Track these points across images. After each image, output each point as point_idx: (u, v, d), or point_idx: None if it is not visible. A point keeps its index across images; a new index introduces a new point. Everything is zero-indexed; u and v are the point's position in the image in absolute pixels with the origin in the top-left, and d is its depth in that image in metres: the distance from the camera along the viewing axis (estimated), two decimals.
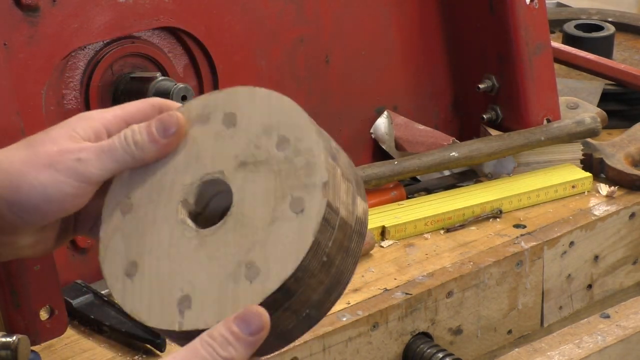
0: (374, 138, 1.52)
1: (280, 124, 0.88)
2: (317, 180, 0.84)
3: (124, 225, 0.90)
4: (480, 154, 1.45)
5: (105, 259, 0.90)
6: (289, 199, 0.84)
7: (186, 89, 1.23)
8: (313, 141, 0.86)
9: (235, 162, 0.88)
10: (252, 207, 0.86)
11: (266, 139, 0.88)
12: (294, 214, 0.84)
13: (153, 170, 0.91)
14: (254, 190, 0.86)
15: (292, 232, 0.83)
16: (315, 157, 0.85)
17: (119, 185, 0.92)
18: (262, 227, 0.84)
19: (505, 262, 1.33)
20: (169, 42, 1.32)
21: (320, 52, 1.44)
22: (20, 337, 1.08)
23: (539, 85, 1.51)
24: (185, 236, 0.88)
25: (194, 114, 0.92)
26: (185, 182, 0.90)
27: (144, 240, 0.89)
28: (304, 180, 0.85)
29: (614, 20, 1.95)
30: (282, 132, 0.87)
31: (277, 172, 0.86)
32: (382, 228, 1.36)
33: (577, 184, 1.47)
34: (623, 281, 1.47)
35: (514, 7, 1.48)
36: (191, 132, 0.91)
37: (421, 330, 1.27)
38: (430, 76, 1.56)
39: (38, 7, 1.19)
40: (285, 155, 0.86)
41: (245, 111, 0.89)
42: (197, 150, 0.90)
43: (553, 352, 1.32)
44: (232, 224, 0.86)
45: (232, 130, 0.89)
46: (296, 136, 0.87)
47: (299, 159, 0.86)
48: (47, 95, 1.22)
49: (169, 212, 0.89)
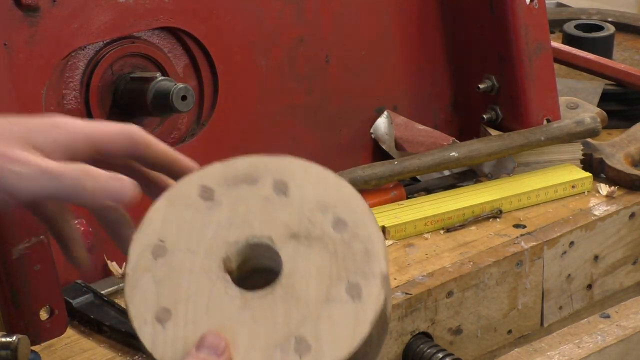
0: (374, 138, 1.52)
1: (337, 204, 0.88)
2: (376, 270, 0.85)
3: (156, 268, 0.89)
4: (480, 154, 1.45)
5: (132, 299, 0.88)
6: (345, 282, 0.85)
7: (186, 89, 1.23)
8: (373, 230, 0.87)
9: (285, 231, 0.88)
10: (305, 282, 0.86)
11: (321, 216, 0.88)
12: (350, 298, 0.85)
13: (192, 218, 0.90)
14: (307, 265, 0.86)
15: (348, 316, 0.84)
16: (376, 246, 0.86)
17: (151, 225, 0.90)
18: (315, 304, 0.85)
19: (505, 262, 1.33)
20: (168, 42, 1.32)
21: (320, 52, 1.45)
22: (20, 337, 1.08)
23: (539, 85, 1.51)
24: (227, 294, 0.87)
25: (240, 172, 0.91)
26: (230, 240, 0.89)
27: (179, 289, 0.88)
28: (362, 267, 0.86)
29: (614, 20, 1.95)
30: (338, 213, 0.88)
31: (333, 253, 0.86)
32: (382, 228, 1.36)
33: (577, 184, 1.47)
34: (623, 281, 1.47)
35: (514, 7, 1.48)
36: (237, 190, 0.90)
37: (421, 330, 1.27)
38: (430, 76, 1.56)
39: (38, 7, 1.19)
40: (342, 237, 0.87)
41: (298, 182, 0.89)
42: (243, 210, 0.89)
43: (553, 352, 1.33)
44: (282, 294, 0.86)
45: (282, 199, 0.89)
46: (354, 221, 0.87)
47: (357, 244, 0.86)
48: (47, 95, 1.22)
49: (209, 265, 0.88)
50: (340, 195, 0.89)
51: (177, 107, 1.22)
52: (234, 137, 1.38)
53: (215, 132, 1.36)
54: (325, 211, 0.88)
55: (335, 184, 0.89)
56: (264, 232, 0.89)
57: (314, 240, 0.87)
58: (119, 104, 1.28)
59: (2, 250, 1.12)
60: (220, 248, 0.89)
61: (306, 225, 0.88)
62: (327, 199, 0.88)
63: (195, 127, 1.36)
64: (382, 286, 0.85)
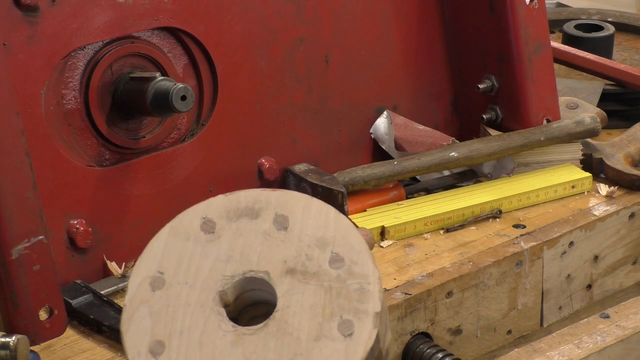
0: (374, 138, 1.52)
1: (335, 241, 0.89)
2: (369, 308, 0.86)
3: (153, 300, 0.90)
4: (480, 154, 1.45)
5: (128, 331, 0.90)
6: (337, 319, 0.86)
7: (186, 89, 1.22)
8: (369, 268, 0.88)
9: (283, 266, 0.89)
10: (297, 318, 0.87)
11: (319, 252, 0.89)
12: (341, 336, 0.86)
13: (192, 250, 0.91)
14: (301, 300, 0.87)
15: (339, 354, 0.85)
16: (371, 284, 0.87)
17: (151, 257, 0.91)
18: (306, 341, 0.86)
19: (504, 262, 1.33)
20: (168, 42, 1.32)
21: (320, 52, 1.45)
22: (20, 337, 1.08)
23: (539, 85, 1.51)
24: (221, 328, 0.88)
25: (243, 205, 0.92)
26: (226, 273, 0.90)
27: (174, 322, 0.89)
28: (355, 304, 0.86)
29: (613, 20, 1.95)
30: (336, 250, 0.89)
31: (328, 289, 0.87)
32: (381, 228, 1.36)
33: (576, 184, 1.47)
34: (623, 281, 1.47)
35: (514, 7, 1.48)
36: (238, 223, 0.91)
37: (421, 331, 1.27)
38: (430, 76, 1.56)
39: (38, 7, 1.19)
40: (338, 274, 0.88)
41: (298, 217, 0.90)
42: (242, 244, 0.91)
43: (553, 352, 1.33)
44: (275, 329, 0.87)
45: (282, 234, 0.90)
46: (351, 258, 0.88)
47: (352, 281, 0.87)
48: (46, 95, 1.22)
49: (204, 298, 0.89)
50: (340, 232, 0.90)
51: (177, 107, 1.22)
52: (233, 137, 1.38)
53: (215, 132, 1.36)
54: (324, 247, 0.89)
55: (335, 219, 0.90)
56: (262, 267, 0.90)
57: (310, 276, 0.88)
58: (119, 104, 1.28)
59: (2, 250, 1.12)
60: (218, 282, 0.90)
61: (303, 260, 0.89)
62: (326, 234, 0.89)
63: (195, 127, 1.36)
64: (375, 325, 0.86)
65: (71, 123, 1.25)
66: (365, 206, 1.41)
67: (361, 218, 1.37)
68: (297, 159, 1.43)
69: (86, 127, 1.26)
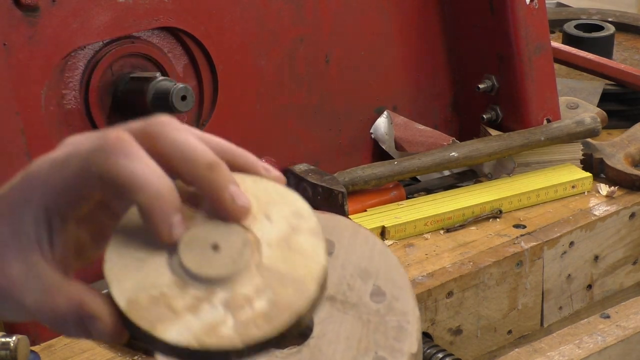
0: (374, 138, 1.52)
1: (379, 274, 0.87)
2: (405, 348, 0.84)
3: None
4: (480, 154, 1.45)
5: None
6: (372, 355, 0.84)
7: (186, 89, 1.22)
8: (410, 306, 0.86)
9: None
10: (332, 348, 0.85)
11: (361, 283, 0.86)
12: None
13: None
14: (338, 330, 0.85)
15: None
16: (410, 323, 0.85)
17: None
18: None
19: (505, 262, 1.33)
20: (168, 42, 1.32)
21: (320, 52, 1.44)
22: (20, 337, 1.08)
23: (539, 85, 1.51)
24: None
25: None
26: None
27: None
28: (392, 342, 0.84)
29: (614, 20, 1.95)
30: (379, 283, 0.86)
31: (366, 322, 0.85)
32: (382, 228, 1.36)
33: (577, 184, 1.47)
34: (623, 281, 1.47)
35: (514, 7, 1.48)
36: None
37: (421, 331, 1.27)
38: (430, 76, 1.56)
39: (38, 7, 1.19)
40: (377, 308, 0.86)
41: (344, 244, 0.88)
42: None
43: (553, 353, 1.32)
44: (308, 356, 0.85)
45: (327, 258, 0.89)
46: (393, 294, 0.86)
47: (391, 318, 0.85)
48: (46, 96, 1.22)
49: None
50: (384, 265, 0.87)
51: (177, 107, 1.22)
52: (234, 137, 1.36)
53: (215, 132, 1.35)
54: (366, 279, 0.87)
55: (381, 252, 0.88)
56: None
57: (350, 307, 0.86)
58: (119, 104, 1.28)
59: None
60: None
61: (344, 290, 0.86)
62: (370, 266, 0.87)
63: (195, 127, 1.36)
64: None
65: (71, 123, 1.25)
66: (365, 206, 1.40)
67: (361, 218, 1.37)
68: (297, 159, 1.43)
69: (86, 127, 1.26)
